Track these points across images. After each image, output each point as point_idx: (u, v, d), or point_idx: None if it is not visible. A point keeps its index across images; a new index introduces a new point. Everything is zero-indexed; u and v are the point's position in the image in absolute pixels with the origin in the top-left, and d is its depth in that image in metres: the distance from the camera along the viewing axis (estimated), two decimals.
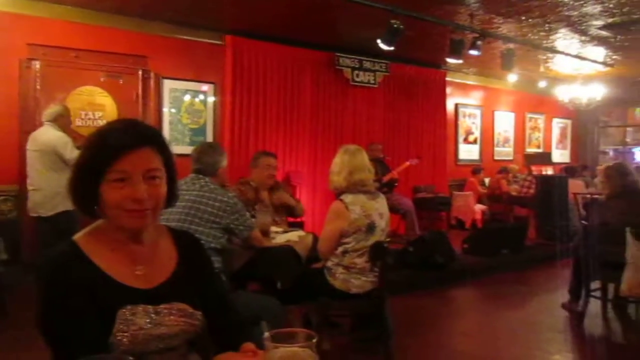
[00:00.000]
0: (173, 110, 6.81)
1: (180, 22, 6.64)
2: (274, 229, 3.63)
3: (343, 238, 3.21)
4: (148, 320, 1.25)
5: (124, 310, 1.23)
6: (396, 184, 7.35)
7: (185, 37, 6.81)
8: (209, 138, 7.04)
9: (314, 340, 0.90)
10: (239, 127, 7.12)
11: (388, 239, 3.37)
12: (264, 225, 3.46)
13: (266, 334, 0.89)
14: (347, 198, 3.22)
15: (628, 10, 6.17)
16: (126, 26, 6.32)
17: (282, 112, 7.55)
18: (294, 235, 3.55)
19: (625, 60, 8.80)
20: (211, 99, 7.12)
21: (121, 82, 6.29)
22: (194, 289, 1.38)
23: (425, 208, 8.55)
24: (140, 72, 6.40)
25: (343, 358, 3.73)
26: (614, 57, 8.62)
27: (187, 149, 4.00)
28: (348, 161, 3.28)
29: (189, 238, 1.51)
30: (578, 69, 9.40)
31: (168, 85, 6.72)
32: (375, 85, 8.49)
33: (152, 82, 6.53)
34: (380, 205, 3.30)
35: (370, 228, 3.20)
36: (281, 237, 3.51)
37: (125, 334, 1.21)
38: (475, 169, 10.03)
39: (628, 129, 13.18)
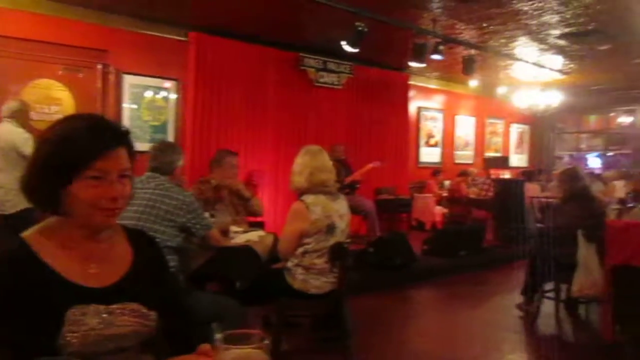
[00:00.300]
0: (134, 107, 6.67)
1: (143, 17, 6.52)
2: (234, 228, 3.60)
3: (303, 239, 3.20)
4: (99, 321, 1.22)
5: (74, 310, 1.20)
6: (358, 186, 7.40)
7: (147, 32, 6.69)
8: (170, 135, 6.93)
9: (267, 342, 0.90)
10: (201, 125, 7.03)
11: (348, 240, 3.39)
12: (223, 225, 3.43)
13: (218, 336, 0.88)
14: (308, 199, 3.22)
15: (584, 21, 6.38)
16: (87, 19, 6.16)
17: (245, 111, 7.49)
18: (254, 235, 3.52)
19: (580, 69, 9.10)
20: (173, 96, 7.02)
21: (80, 76, 6.15)
22: (148, 288, 1.36)
23: (386, 210, 8.63)
24: (100, 67, 6.26)
25: (302, 358, 3.73)
26: (571, 65, 8.90)
27: (148, 146, 3.91)
28: (310, 162, 3.29)
29: (145, 237, 1.49)
30: (536, 76, 9.67)
31: (129, 80, 6.58)
32: (339, 87, 8.52)
33: (112, 77, 6.39)
34: (340, 207, 3.31)
35: (331, 229, 3.21)
36: (241, 237, 3.48)
37: (75, 335, 1.18)
38: (434, 171, 10.19)
39: (582, 135, 13.63)
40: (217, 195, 4.06)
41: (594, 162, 13.33)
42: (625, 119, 12.63)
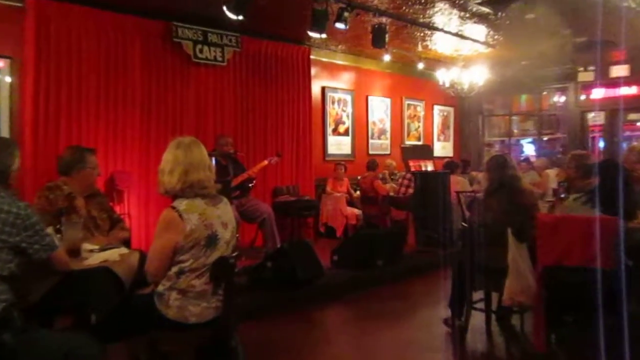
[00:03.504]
0: None
1: None
2: (87, 246, 3.47)
3: (177, 255, 3.13)
4: None
5: None
6: (252, 185, 7.36)
7: None
8: (4, 129, 6.59)
9: None
10: (45, 116, 6.76)
11: (235, 253, 3.36)
12: (72, 243, 3.29)
13: None
14: (181, 205, 3.15)
15: None
16: None
17: (103, 96, 7.28)
18: (114, 254, 3.41)
19: (507, 41, 9.62)
20: (7, 79, 6.68)
21: None
22: None
23: (287, 214, 8.69)
24: None
25: None
26: (496, 36, 9.39)
27: None
28: (182, 157, 3.21)
29: None
30: (458, 49, 10.12)
31: None
32: (224, 64, 8.47)
33: None
34: (222, 212, 3.27)
35: (212, 241, 3.16)
36: (97, 256, 3.36)
37: None
38: (336, 164, 10.24)
39: (513, 117, 14.37)
40: (70, 204, 3.88)
41: (529, 148, 14.15)
42: (558, 99, 13.41)
